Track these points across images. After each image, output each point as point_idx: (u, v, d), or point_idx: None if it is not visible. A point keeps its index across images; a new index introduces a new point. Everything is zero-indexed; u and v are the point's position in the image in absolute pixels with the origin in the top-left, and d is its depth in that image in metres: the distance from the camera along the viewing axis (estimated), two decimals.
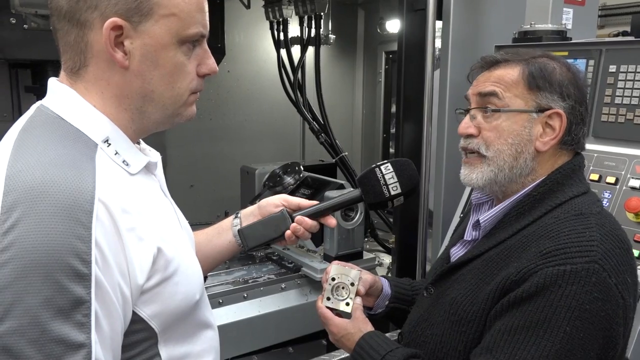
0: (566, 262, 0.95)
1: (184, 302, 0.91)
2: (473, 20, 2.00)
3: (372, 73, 3.57)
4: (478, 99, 1.13)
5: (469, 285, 1.09)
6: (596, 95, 1.64)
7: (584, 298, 0.93)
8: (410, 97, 2.07)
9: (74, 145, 0.82)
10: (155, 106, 0.90)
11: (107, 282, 0.75)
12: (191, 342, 0.96)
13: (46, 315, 0.70)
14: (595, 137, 1.64)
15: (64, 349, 0.70)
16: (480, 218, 1.15)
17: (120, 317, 0.79)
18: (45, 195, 0.73)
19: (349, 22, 3.56)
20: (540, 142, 1.09)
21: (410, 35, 2.04)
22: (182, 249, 0.93)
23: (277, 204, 1.23)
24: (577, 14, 2.15)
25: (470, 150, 1.14)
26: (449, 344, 1.08)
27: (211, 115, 3.21)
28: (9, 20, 1.91)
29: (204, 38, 0.92)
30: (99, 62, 0.86)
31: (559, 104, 1.09)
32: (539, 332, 0.93)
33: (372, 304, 1.37)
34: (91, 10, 0.83)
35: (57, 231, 0.71)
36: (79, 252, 0.72)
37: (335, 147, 2.91)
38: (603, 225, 1.01)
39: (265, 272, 2.28)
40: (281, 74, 3.01)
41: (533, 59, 1.13)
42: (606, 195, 1.55)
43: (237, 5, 2.99)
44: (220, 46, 2.88)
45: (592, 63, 1.65)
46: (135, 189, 0.86)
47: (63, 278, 0.71)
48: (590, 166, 1.62)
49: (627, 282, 0.98)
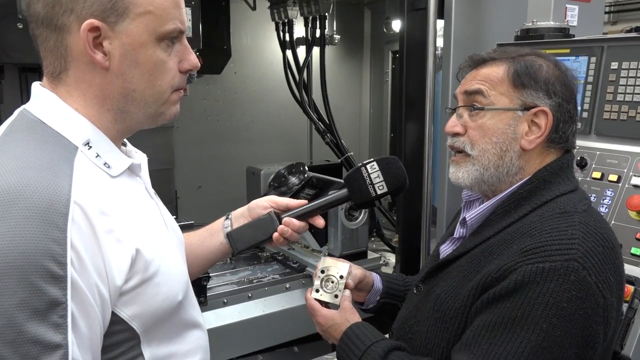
0: (545, 260, 0.95)
1: (166, 302, 0.92)
2: (475, 19, 1.99)
3: (379, 73, 3.56)
4: (465, 97, 1.14)
5: (453, 282, 1.09)
6: (598, 93, 1.62)
7: (561, 296, 0.93)
8: (413, 96, 2.07)
9: (53, 149, 0.83)
10: (137, 105, 0.91)
11: (84, 284, 0.77)
12: (177, 342, 0.97)
13: (22, 317, 0.71)
14: (598, 134, 1.63)
15: (40, 349, 0.72)
16: (467, 216, 1.15)
17: (98, 317, 0.80)
18: (20, 199, 0.74)
19: (355, 22, 3.56)
20: (525, 140, 1.09)
21: (411, 34, 2.04)
22: (164, 250, 0.94)
23: (266, 206, 1.24)
24: (583, 11, 2.13)
25: (457, 149, 1.14)
26: (433, 340, 1.09)
27: (218, 116, 3.23)
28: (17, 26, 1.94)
29: (182, 34, 0.93)
30: (79, 64, 0.87)
31: (545, 101, 1.09)
32: (516, 328, 0.94)
33: (363, 299, 1.38)
34: (67, 14, 0.84)
35: (32, 234, 0.73)
36: (54, 255, 0.73)
37: (341, 147, 2.91)
38: (586, 224, 1.00)
39: (270, 272, 2.30)
40: (287, 74, 3.02)
41: (520, 57, 1.12)
42: (608, 194, 1.54)
43: (243, 7, 3.01)
44: (226, 48, 2.90)
45: (594, 60, 1.63)
46: (115, 191, 0.87)
47: (38, 280, 0.72)
48: (592, 164, 1.61)
49: (609, 280, 0.97)
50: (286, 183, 2.53)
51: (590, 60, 1.64)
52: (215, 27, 2.83)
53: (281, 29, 2.97)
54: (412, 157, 2.07)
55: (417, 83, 2.01)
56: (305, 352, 2.21)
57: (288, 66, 3.02)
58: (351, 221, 2.24)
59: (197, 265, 1.22)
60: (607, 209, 1.52)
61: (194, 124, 3.11)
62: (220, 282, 2.15)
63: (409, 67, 2.07)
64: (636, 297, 1.36)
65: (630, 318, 1.35)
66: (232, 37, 2.94)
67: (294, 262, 2.34)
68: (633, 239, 1.43)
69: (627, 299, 1.36)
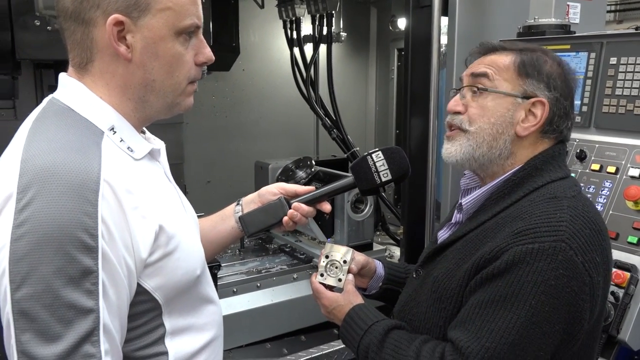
0: (535, 241, 1.00)
1: (186, 276, 0.98)
2: (478, 16, 2.04)
3: (385, 70, 3.61)
4: (470, 79, 1.19)
5: (449, 264, 1.15)
6: (597, 87, 1.67)
7: (549, 274, 0.98)
8: (418, 92, 2.12)
9: (82, 133, 0.90)
10: (156, 95, 0.97)
11: (113, 255, 0.83)
12: (194, 316, 1.03)
13: (58, 283, 0.78)
14: (597, 127, 1.68)
15: (74, 313, 0.78)
16: (463, 201, 1.21)
17: (125, 287, 0.86)
18: (56, 177, 0.80)
19: (362, 20, 3.61)
20: (521, 126, 1.14)
21: (416, 31, 2.09)
22: (183, 228, 1.00)
23: (275, 192, 1.30)
24: (585, 9, 2.18)
25: (455, 126, 1.19)
26: (431, 320, 1.14)
27: (227, 113, 3.29)
28: (34, 23, 2.01)
29: (199, 29, 0.99)
30: (104, 56, 0.93)
31: (544, 93, 1.14)
32: (507, 305, 0.99)
33: (366, 285, 1.43)
34: (94, 9, 0.90)
35: (67, 208, 0.79)
36: (87, 227, 0.80)
37: (347, 143, 2.96)
38: (575, 208, 1.06)
39: (278, 263, 2.36)
40: (294, 71, 3.07)
41: (528, 50, 1.18)
42: (607, 185, 1.59)
43: (252, 5, 3.06)
44: (235, 45, 2.96)
45: (593, 56, 1.68)
46: (139, 173, 0.94)
47: (73, 250, 0.79)
48: (592, 156, 1.66)
49: (595, 260, 1.03)
50: (294, 177, 2.59)
51: (590, 56, 1.69)
52: (224, 24, 2.88)
53: (289, 26, 3.02)
54: (417, 152, 2.12)
55: (422, 79, 2.05)
56: (312, 340, 2.26)
57: (295, 63, 3.07)
58: (357, 213, 2.30)
59: (209, 249, 1.28)
60: (605, 199, 1.57)
61: (203, 120, 3.17)
62: (230, 272, 2.22)
63: (414, 64, 2.11)
64: (632, 283, 1.41)
65: (626, 303, 1.41)
66: (241, 35, 2.99)
67: (301, 253, 2.40)
68: (630, 227, 1.48)
69: (624, 285, 1.41)
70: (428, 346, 1.07)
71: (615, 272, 1.43)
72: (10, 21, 1.98)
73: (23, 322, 0.77)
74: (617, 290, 1.42)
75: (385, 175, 1.23)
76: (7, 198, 0.81)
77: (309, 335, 2.30)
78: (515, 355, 0.98)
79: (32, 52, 2.07)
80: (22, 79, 2.50)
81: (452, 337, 1.04)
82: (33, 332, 0.77)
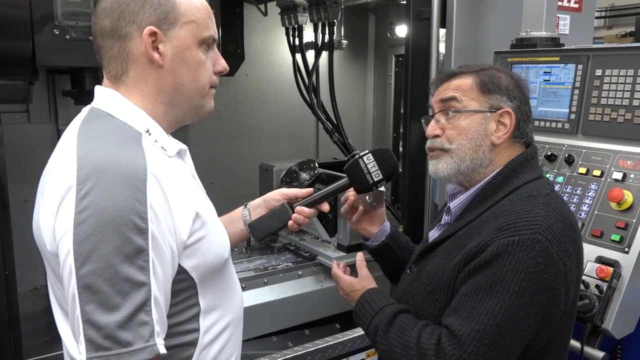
0: (515, 234, 1.13)
1: (217, 258, 1.11)
2: (474, 28, 2.17)
3: (383, 75, 3.73)
4: (440, 104, 1.33)
5: (441, 260, 1.27)
6: (584, 97, 1.80)
7: (529, 262, 1.11)
8: (417, 98, 2.24)
9: (124, 134, 1.02)
10: (184, 97, 1.11)
11: (160, 237, 0.95)
12: (222, 296, 1.15)
13: (117, 260, 0.89)
14: (584, 134, 1.81)
15: (130, 286, 0.90)
16: (451, 205, 1.35)
17: (169, 265, 0.98)
18: (111, 169, 0.92)
19: (361, 27, 3.73)
20: (495, 136, 1.28)
21: (416, 41, 2.21)
22: (212, 217, 1.13)
23: (279, 199, 1.44)
24: (574, 20, 2.31)
25: (436, 148, 1.33)
26: (426, 310, 1.27)
27: (230, 116, 3.39)
28: (53, 32, 2.11)
29: (214, 42, 1.14)
30: (138, 65, 1.07)
31: (508, 104, 1.29)
32: (493, 291, 1.12)
33: (372, 234, 1.58)
34: (130, 25, 1.05)
35: (122, 195, 0.91)
36: (139, 212, 0.91)
37: (347, 146, 3.07)
38: (549, 204, 1.19)
39: (284, 261, 2.47)
40: (296, 77, 3.18)
41: (482, 70, 1.33)
42: (593, 187, 1.71)
43: (255, 12, 3.16)
44: (239, 51, 3.07)
45: (580, 67, 1.81)
46: (173, 168, 1.07)
47: (128, 231, 0.90)
48: (579, 161, 1.78)
49: (568, 250, 1.16)
50: (297, 179, 2.70)
51: (578, 68, 1.82)
52: (230, 32, 2.99)
53: (291, 34, 3.13)
54: (416, 155, 2.24)
55: (421, 86, 2.18)
56: (315, 334, 2.38)
57: (297, 70, 3.17)
58: None
59: None
60: (591, 200, 1.70)
61: (207, 123, 3.26)
62: (238, 269, 2.32)
63: (414, 72, 2.24)
64: (615, 277, 1.53)
65: (610, 296, 1.53)
66: (245, 42, 3.10)
67: (306, 251, 2.51)
68: (613, 226, 1.60)
69: (607, 279, 1.54)
70: (428, 330, 1.19)
71: (599, 267, 1.56)
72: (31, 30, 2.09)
73: (87, 295, 0.88)
74: (601, 283, 1.54)
75: (377, 175, 1.36)
76: (67, 189, 0.93)
77: (312, 330, 2.42)
78: (502, 335, 1.10)
79: (51, 59, 2.17)
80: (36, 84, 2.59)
81: (447, 323, 1.16)
82: (96, 303, 0.88)
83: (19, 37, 2.08)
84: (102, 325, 0.87)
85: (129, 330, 0.88)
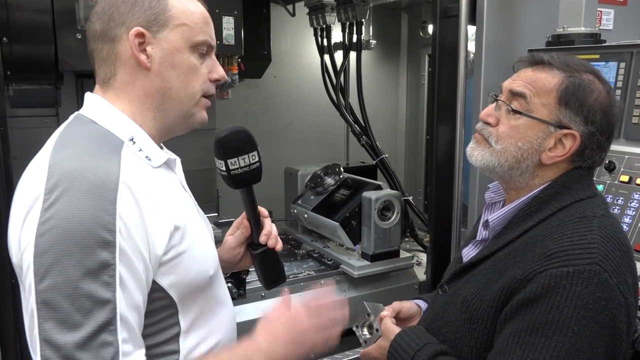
0: (569, 264, 0.99)
1: (199, 275, 1.04)
2: (506, 25, 2.03)
3: (416, 76, 3.61)
4: (508, 94, 1.16)
5: (479, 284, 1.13)
6: (627, 98, 1.65)
7: (588, 298, 0.96)
8: (445, 99, 2.13)
9: (104, 142, 0.98)
10: (173, 103, 1.06)
11: (130, 250, 0.89)
12: (207, 316, 1.09)
13: (78, 274, 0.84)
14: (626, 138, 1.66)
15: (92, 303, 0.84)
16: (489, 218, 1.20)
17: (142, 281, 0.92)
18: (80, 178, 0.88)
19: (393, 26, 3.62)
20: (546, 155, 1.12)
21: (443, 40, 2.10)
22: (197, 231, 1.06)
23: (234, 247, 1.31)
24: (619, 14, 2.14)
25: (482, 135, 1.18)
26: (462, 340, 1.13)
27: (258, 119, 3.36)
28: (76, 36, 2.12)
29: (212, 49, 1.09)
30: (126, 68, 1.03)
31: (579, 127, 1.10)
32: (548, 332, 0.97)
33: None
34: (120, 26, 1.01)
35: (88, 206, 0.86)
36: (105, 223, 0.86)
37: (375, 149, 2.98)
38: (605, 228, 1.04)
39: (306, 269, 2.40)
40: (324, 78, 3.11)
41: (577, 72, 1.12)
42: (636, 197, 1.56)
43: (283, 13, 3.12)
44: (266, 53, 3.03)
45: (623, 65, 1.66)
46: (156, 179, 1.01)
47: (92, 244, 0.85)
48: (621, 167, 1.64)
49: (627, 282, 1.01)
50: (322, 184, 2.63)
51: (620, 66, 1.67)
52: (256, 33, 2.95)
53: (319, 34, 3.07)
54: (444, 158, 2.13)
55: (450, 87, 2.07)
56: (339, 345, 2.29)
57: (326, 70, 3.11)
58: (384, 221, 2.31)
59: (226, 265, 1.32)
60: (634, 211, 1.55)
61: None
62: None
63: (442, 72, 2.13)
64: None
65: None
66: (272, 42, 3.05)
67: (329, 259, 2.43)
68: None
69: None
70: None
71: None
72: (54, 35, 2.10)
73: (45, 312, 0.83)
74: None
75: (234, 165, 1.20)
76: (35, 199, 0.89)
77: None
78: None
79: (73, 63, 2.18)
80: (65, 88, 2.63)
81: None
82: (55, 320, 0.83)
83: (41, 42, 2.10)
84: (60, 345, 0.82)
85: (89, 351, 0.83)
